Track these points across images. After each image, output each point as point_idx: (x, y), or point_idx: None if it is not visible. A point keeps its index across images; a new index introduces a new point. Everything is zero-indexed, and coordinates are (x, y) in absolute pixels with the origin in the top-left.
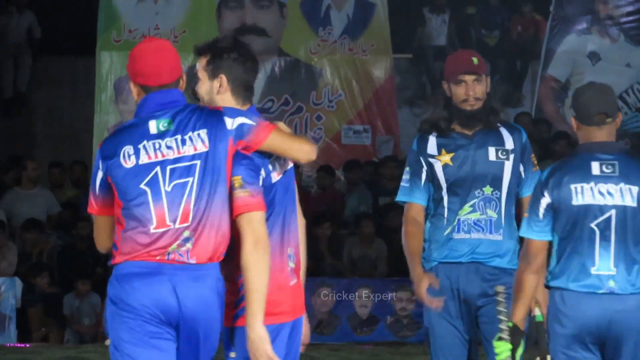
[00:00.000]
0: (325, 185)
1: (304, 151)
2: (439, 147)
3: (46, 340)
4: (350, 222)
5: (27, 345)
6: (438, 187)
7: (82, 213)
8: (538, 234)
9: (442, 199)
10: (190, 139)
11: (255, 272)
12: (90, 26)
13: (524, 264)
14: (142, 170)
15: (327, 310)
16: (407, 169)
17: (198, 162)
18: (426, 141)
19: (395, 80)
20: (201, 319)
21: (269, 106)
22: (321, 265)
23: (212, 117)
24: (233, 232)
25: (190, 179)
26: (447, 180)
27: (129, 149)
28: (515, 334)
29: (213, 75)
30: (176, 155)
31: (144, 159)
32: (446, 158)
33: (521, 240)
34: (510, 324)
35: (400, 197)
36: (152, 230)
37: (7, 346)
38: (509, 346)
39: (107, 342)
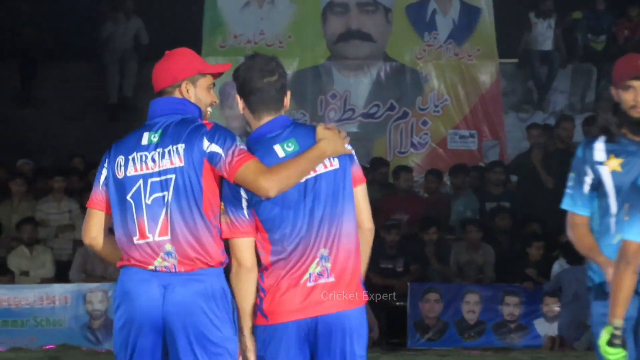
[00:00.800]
0: (432, 190)
1: (263, 189)
2: (608, 153)
3: None
4: (456, 227)
5: None
6: (604, 195)
7: None
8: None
9: (608, 206)
10: (169, 152)
11: (237, 293)
12: (196, 32)
13: (623, 265)
14: (128, 182)
15: (435, 315)
16: (571, 175)
17: (173, 176)
18: (592, 147)
19: (501, 85)
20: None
21: (375, 111)
22: (428, 270)
23: (194, 133)
24: None
25: (166, 193)
26: (615, 187)
27: (121, 159)
28: (622, 338)
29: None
30: (157, 169)
31: (130, 171)
32: (615, 164)
33: None
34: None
35: (564, 205)
36: (135, 242)
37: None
38: (623, 352)
39: None
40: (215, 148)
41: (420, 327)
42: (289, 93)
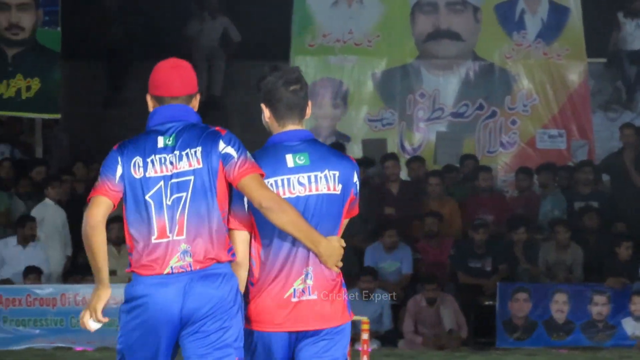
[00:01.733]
0: (523, 188)
1: (260, 202)
2: None
3: None
4: (545, 227)
5: None
6: None
7: None
8: None
9: None
10: (187, 155)
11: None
12: (284, 31)
13: None
14: (148, 182)
15: (524, 315)
16: None
17: (192, 177)
18: None
19: (590, 85)
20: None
21: (464, 110)
22: (517, 270)
23: (210, 136)
24: None
25: (184, 194)
26: None
27: (139, 160)
28: None
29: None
30: (175, 171)
31: (150, 172)
32: None
33: None
34: None
35: None
36: (153, 241)
37: None
38: None
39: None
40: (230, 150)
41: (509, 327)
42: (310, 103)
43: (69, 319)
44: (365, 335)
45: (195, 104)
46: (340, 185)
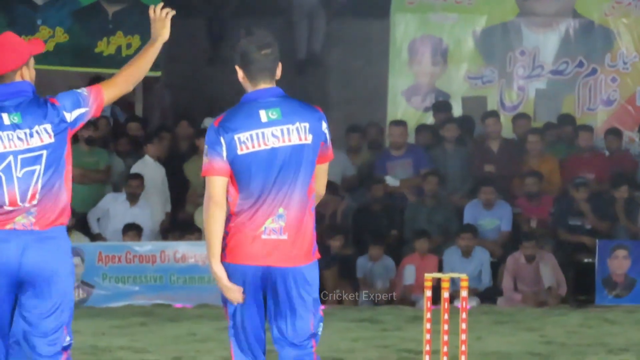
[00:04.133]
0: (613, 148)
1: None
2: None
3: (340, 302)
4: None
5: (323, 307)
6: None
7: (376, 175)
8: None
9: None
10: (38, 132)
11: (206, 226)
12: None
13: None
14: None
15: (623, 272)
16: None
17: (44, 152)
18: None
19: None
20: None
21: (564, 68)
22: (617, 227)
23: (53, 110)
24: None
25: (38, 167)
26: None
27: None
28: None
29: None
30: (26, 147)
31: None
32: None
33: None
34: None
35: None
36: (5, 209)
37: None
38: None
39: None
40: (78, 111)
41: (608, 284)
42: (280, 64)
43: (168, 276)
44: (464, 293)
45: (26, 73)
46: (310, 136)
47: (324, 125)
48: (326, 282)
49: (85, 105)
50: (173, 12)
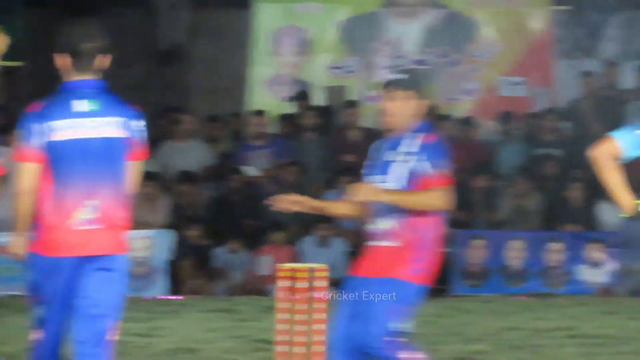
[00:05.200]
0: (469, 138)
1: None
2: None
3: (197, 293)
4: (505, 175)
5: (179, 297)
6: None
7: (236, 165)
8: None
9: None
10: None
11: (16, 212)
12: None
13: None
14: None
15: (480, 262)
16: None
17: None
18: None
19: (553, 32)
20: None
21: (426, 58)
22: (475, 217)
23: None
24: None
25: None
26: None
27: None
28: None
29: None
30: None
31: None
32: None
33: None
34: None
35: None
36: None
37: (158, 298)
38: None
39: None
40: None
41: (464, 274)
42: (108, 57)
43: None
44: (321, 283)
45: None
46: (124, 131)
47: (140, 123)
48: (182, 271)
49: None
50: None
